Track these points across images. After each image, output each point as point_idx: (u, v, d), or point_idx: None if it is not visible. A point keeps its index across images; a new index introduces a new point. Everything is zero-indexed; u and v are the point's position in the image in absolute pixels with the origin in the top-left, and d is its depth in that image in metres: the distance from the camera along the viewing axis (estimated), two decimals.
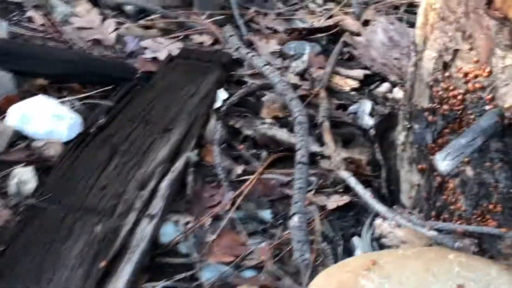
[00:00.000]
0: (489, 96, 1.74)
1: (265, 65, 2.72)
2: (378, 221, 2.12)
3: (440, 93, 1.86)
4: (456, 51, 1.79)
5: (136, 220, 1.95)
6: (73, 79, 2.63)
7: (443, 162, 1.59)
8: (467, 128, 1.78)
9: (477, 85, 1.75)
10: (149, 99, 2.53)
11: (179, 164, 2.22)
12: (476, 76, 1.75)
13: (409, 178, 2.12)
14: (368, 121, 2.69)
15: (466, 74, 1.77)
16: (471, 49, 1.75)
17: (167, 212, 2.11)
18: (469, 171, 1.87)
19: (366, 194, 2.14)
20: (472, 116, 1.79)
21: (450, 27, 1.78)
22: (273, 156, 2.48)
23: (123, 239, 1.88)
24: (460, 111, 1.82)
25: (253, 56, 2.83)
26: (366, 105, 2.79)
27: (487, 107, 1.75)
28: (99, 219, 1.93)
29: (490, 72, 1.72)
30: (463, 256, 1.87)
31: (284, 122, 2.62)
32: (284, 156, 2.49)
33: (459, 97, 1.80)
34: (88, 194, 2.03)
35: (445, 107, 1.85)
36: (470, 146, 1.63)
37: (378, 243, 2.11)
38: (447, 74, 1.83)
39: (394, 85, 3.01)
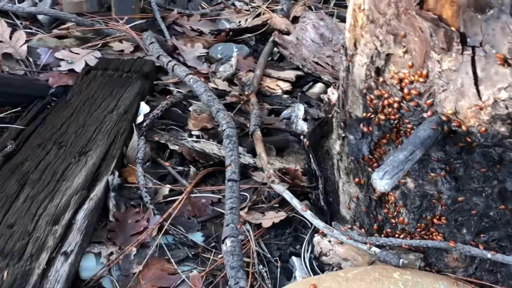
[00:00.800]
0: (427, 103, 1.60)
1: (188, 74, 2.54)
2: (317, 238, 1.97)
3: (375, 101, 1.71)
4: (389, 55, 1.65)
5: (49, 260, 1.75)
6: None
7: (381, 181, 1.45)
8: (405, 139, 1.65)
9: (413, 92, 1.61)
10: (63, 119, 2.32)
11: (98, 190, 2.03)
12: (411, 82, 1.61)
13: (348, 190, 1.98)
14: (303, 126, 2.55)
15: (401, 80, 1.63)
16: (405, 52, 1.60)
17: (87, 245, 1.93)
18: (410, 183, 1.74)
19: (303, 209, 1.99)
20: (410, 125, 1.65)
21: (380, 30, 1.63)
22: (203, 172, 2.31)
23: (35, 284, 1.68)
24: (397, 120, 1.68)
25: (175, 64, 2.65)
26: (300, 110, 2.65)
27: (425, 115, 1.61)
28: (7, 263, 1.72)
29: (427, 77, 1.58)
30: (408, 274, 1.75)
31: (213, 133, 2.45)
32: (215, 170, 2.33)
33: (395, 105, 1.66)
34: None
35: (381, 116, 1.71)
36: (410, 161, 1.49)
37: (318, 262, 1.97)
38: (380, 80, 1.69)
39: (327, 85, 2.88)
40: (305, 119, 2.59)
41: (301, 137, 2.27)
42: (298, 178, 2.26)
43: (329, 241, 1.95)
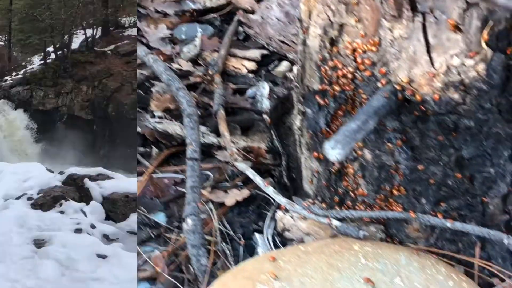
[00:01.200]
0: (381, 71, 1.59)
1: (148, 53, 2.50)
2: (279, 214, 1.96)
3: (329, 72, 1.70)
4: (342, 26, 1.63)
5: None
6: None
7: (333, 151, 1.43)
8: (360, 109, 1.63)
9: (366, 61, 1.60)
10: None
11: None
12: (364, 51, 1.60)
13: (310, 165, 1.97)
14: (268, 105, 2.52)
15: (354, 50, 1.62)
16: (357, 21, 1.59)
17: None
18: (368, 154, 1.73)
19: (265, 186, 1.98)
20: (365, 96, 1.64)
21: None
22: (165, 152, 2.28)
23: None
24: (352, 91, 1.67)
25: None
26: (264, 88, 2.63)
27: (379, 84, 1.60)
28: None
29: (379, 45, 1.57)
30: (369, 245, 1.74)
31: (176, 114, 2.42)
32: (178, 151, 2.30)
33: (349, 75, 1.65)
34: None
35: (336, 87, 1.69)
36: (362, 130, 1.48)
37: (281, 238, 1.95)
38: (334, 51, 1.67)
39: (293, 63, 2.86)
40: (270, 98, 2.57)
41: (263, 115, 2.26)
42: (262, 156, 2.24)
43: (292, 217, 1.93)
